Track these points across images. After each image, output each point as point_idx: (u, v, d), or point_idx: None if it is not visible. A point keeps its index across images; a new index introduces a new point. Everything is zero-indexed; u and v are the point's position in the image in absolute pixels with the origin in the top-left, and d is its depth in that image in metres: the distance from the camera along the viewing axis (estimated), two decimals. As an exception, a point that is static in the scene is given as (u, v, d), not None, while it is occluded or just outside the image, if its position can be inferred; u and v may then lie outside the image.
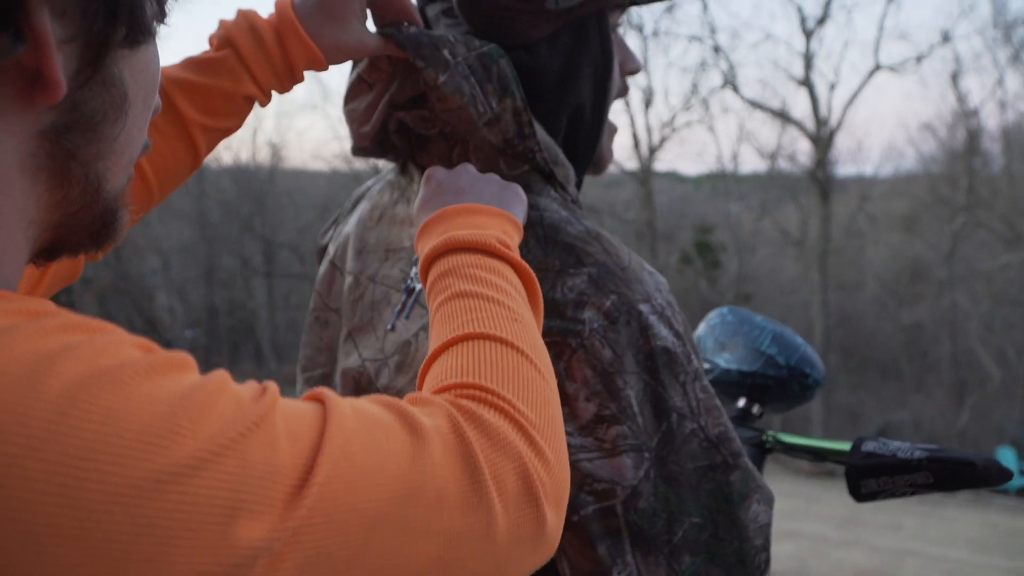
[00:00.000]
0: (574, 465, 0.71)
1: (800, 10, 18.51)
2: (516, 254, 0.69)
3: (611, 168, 0.87)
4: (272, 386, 0.45)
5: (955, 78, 18.89)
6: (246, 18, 0.79)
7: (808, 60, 18.16)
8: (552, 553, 0.56)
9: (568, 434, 0.71)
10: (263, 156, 33.09)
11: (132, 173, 0.53)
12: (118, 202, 0.51)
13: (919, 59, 18.38)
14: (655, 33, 20.25)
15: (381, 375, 0.80)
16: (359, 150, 0.89)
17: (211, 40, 0.81)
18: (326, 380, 0.91)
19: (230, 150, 34.76)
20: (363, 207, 0.92)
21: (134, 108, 0.49)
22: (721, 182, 25.51)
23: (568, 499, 0.58)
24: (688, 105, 20.81)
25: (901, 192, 27.64)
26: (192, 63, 0.80)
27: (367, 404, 0.50)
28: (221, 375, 0.44)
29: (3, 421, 0.36)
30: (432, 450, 0.48)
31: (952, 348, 20.50)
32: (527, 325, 0.63)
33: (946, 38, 18.17)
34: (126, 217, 0.52)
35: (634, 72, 0.89)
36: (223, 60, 0.79)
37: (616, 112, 0.92)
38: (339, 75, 65.39)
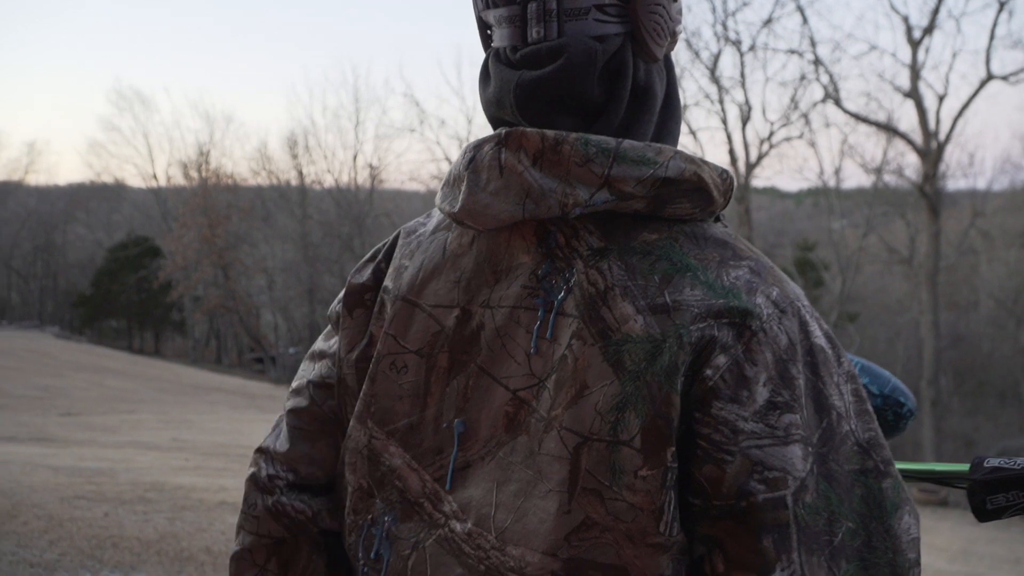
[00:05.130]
0: (743, 452, 0.70)
1: (906, 20, 17.86)
2: None
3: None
4: None
5: (1076, 87, 17.93)
6: None
7: (915, 71, 17.58)
8: None
9: (743, 419, 0.71)
10: (363, 178, 34.11)
11: None
12: None
13: (1035, 68, 17.54)
14: (752, 48, 19.94)
15: (541, 399, 0.76)
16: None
17: None
18: (414, 430, 0.84)
19: (331, 173, 35.85)
20: (441, 237, 0.87)
21: None
22: (823, 198, 24.87)
23: (736, 486, 0.64)
24: (787, 120, 20.40)
25: (1018, 207, 26.41)
26: None
27: None
28: None
29: None
30: None
31: (1076, 371, 19.39)
32: None
33: (1065, 45, 17.26)
34: None
35: None
36: None
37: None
38: (436, 99, 66.75)
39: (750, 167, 20.24)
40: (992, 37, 16.50)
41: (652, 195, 0.76)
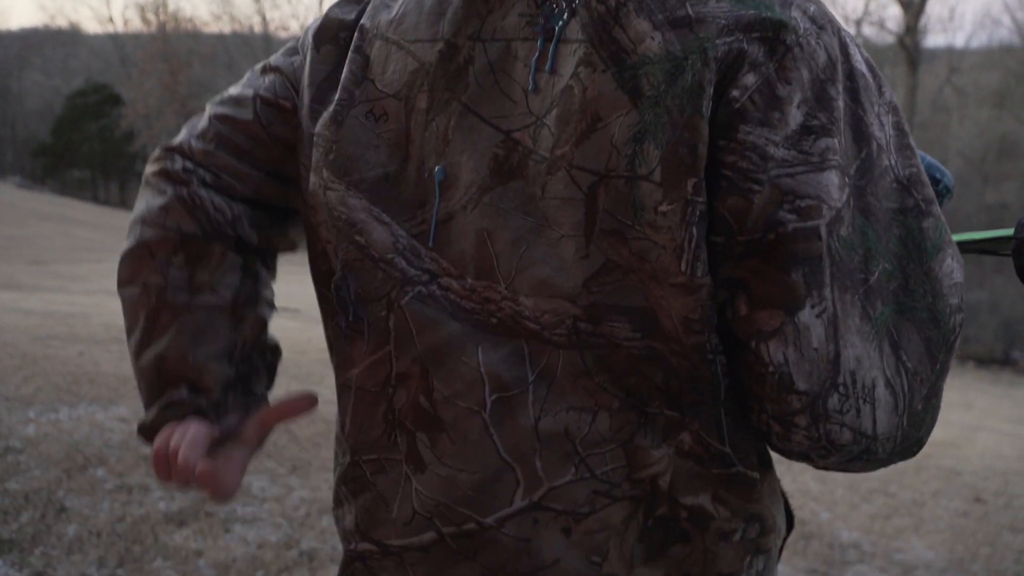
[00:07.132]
0: (773, 182, 0.64)
1: None
2: None
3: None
4: None
5: (1065, -63, 17.45)
6: None
7: (904, -84, 16.94)
8: None
9: (773, 144, 0.64)
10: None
11: None
12: None
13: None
14: None
15: (540, 139, 0.68)
16: None
17: None
18: (390, 181, 0.75)
19: (296, 19, 34.41)
20: None
21: None
22: (801, 52, 24.34)
23: (763, 218, 0.63)
24: (770, -32, 19.70)
25: (993, 64, 26.15)
26: None
27: None
28: None
29: None
30: None
31: (1037, 228, 19.77)
32: None
33: None
34: None
35: None
36: None
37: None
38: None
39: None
40: None
41: None
